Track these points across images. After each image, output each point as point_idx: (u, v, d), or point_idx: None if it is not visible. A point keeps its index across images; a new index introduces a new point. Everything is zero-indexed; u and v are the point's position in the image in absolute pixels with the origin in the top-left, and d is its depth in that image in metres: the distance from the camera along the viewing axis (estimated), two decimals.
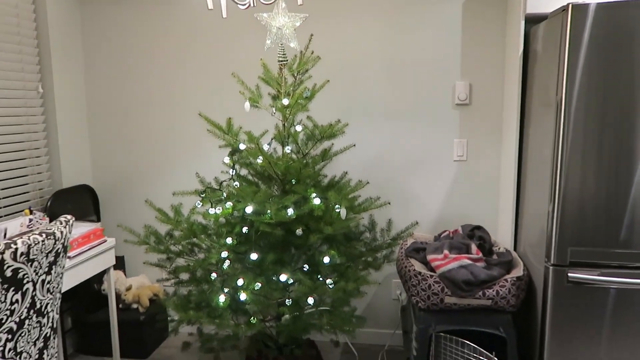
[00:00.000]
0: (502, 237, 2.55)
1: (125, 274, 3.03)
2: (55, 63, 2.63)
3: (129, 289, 2.83)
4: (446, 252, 2.10)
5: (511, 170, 2.41)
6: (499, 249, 2.31)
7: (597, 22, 1.82)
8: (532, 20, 2.32)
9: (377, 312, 2.82)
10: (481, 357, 1.98)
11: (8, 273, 1.45)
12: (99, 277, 2.78)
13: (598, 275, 1.90)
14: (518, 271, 2.08)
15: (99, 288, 2.83)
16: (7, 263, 1.44)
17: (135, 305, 2.80)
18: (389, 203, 2.71)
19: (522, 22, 2.28)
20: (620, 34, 1.82)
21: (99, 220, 2.95)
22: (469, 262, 2.04)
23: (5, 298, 1.47)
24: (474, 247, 2.15)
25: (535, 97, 2.20)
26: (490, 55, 2.58)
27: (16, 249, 1.47)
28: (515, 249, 2.42)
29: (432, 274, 2.06)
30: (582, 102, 1.86)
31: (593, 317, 1.92)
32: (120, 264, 3.01)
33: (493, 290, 2.00)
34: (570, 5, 1.85)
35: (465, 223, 2.69)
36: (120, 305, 2.80)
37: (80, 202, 2.81)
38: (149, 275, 3.06)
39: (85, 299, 2.79)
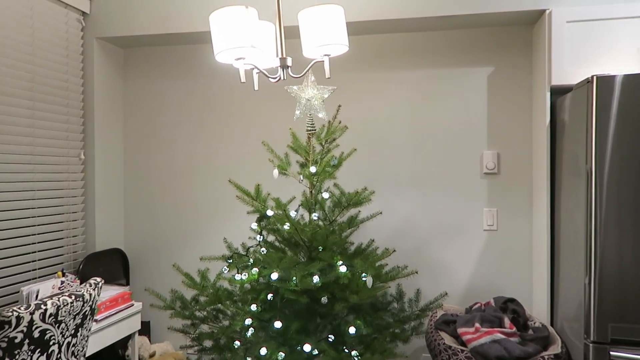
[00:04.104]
0: (538, 311, 2.44)
1: (150, 340, 3.00)
2: (98, 132, 2.79)
3: (152, 355, 2.79)
4: (477, 325, 2.01)
5: (544, 240, 2.35)
6: (535, 323, 2.20)
7: (624, 92, 1.84)
8: (558, 92, 2.35)
9: None
10: None
11: (36, 334, 1.47)
12: (123, 342, 2.77)
13: None
14: (555, 348, 1.97)
15: (123, 353, 2.81)
16: (36, 324, 1.47)
17: None
18: (417, 272, 2.65)
19: (548, 94, 2.32)
20: None
21: (128, 283, 2.98)
22: (502, 336, 1.94)
23: (32, 359, 1.48)
24: (507, 321, 2.06)
25: (565, 166, 2.18)
26: (517, 125, 2.60)
27: (45, 309, 1.50)
28: (552, 324, 2.29)
29: (463, 348, 1.96)
30: (614, 171, 1.84)
31: None
32: (145, 329, 3.00)
33: None
34: (594, 78, 1.88)
35: (497, 295, 2.59)
36: None
37: (111, 265, 2.86)
38: (173, 343, 3.02)
39: None
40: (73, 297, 1.62)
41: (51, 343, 1.55)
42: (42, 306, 1.49)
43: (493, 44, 2.62)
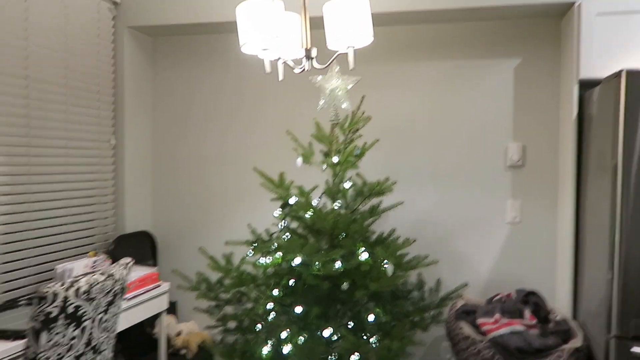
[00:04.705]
0: (560, 305, 2.43)
1: (176, 320, 3.10)
2: (128, 119, 2.88)
3: (178, 334, 2.89)
4: (497, 316, 2.02)
5: (568, 234, 2.33)
6: (556, 316, 2.19)
7: None
8: (586, 85, 2.31)
9: None
10: None
11: (70, 310, 1.56)
12: (151, 321, 2.87)
13: None
14: (576, 342, 1.97)
15: (150, 331, 2.91)
16: (70, 300, 1.55)
17: (183, 351, 2.85)
18: (438, 261, 2.67)
19: (576, 87, 2.28)
20: None
21: (155, 265, 3.08)
22: (522, 328, 1.95)
23: (66, 333, 1.57)
24: (527, 313, 2.06)
25: (591, 160, 2.15)
26: (543, 118, 2.57)
27: (79, 287, 1.58)
28: (574, 318, 2.29)
29: (482, 338, 1.98)
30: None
31: None
32: (172, 309, 3.10)
33: None
34: (624, 71, 1.85)
35: (519, 287, 2.58)
36: (170, 350, 2.86)
37: (140, 247, 2.96)
38: (198, 323, 3.12)
39: (137, 342, 2.87)
40: (105, 275, 1.70)
41: (84, 318, 1.64)
42: (75, 283, 1.57)
43: (520, 36, 2.58)
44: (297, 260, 2.07)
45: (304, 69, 1.94)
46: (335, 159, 2.19)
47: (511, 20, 2.59)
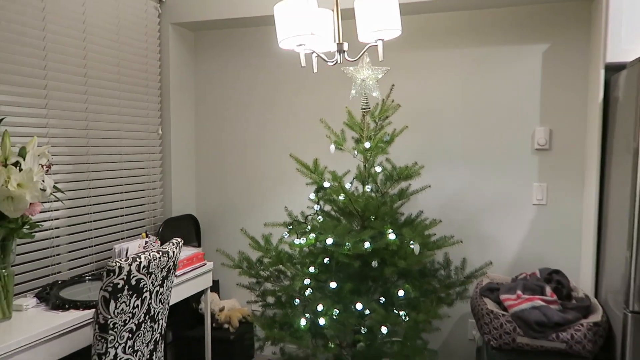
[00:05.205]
0: (584, 283, 2.52)
1: (219, 297, 3.35)
2: (173, 110, 3.10)
3: (222, 310, 3.13)
4: (519, 292, 2.14)
5: (592, 215, 2.41)
6: (578, 294, 2.29)
7: None
8: (613, 69, 2.36)
9: (452, 352, 2.86)
10: None
11: (133, 282, 1.78)
12: (197, 297, 3.12)
13: None
14: (596, 317, 2.07)
15: (196, 307, 3.17)
16: (133, 273, 1.77)
17: (226, 326, 3.09)
18: (462, 241, 2.79)
19: (602, 71, 2.33)
20: None
21: (199, 246, 3.32)
22: (542, 303, 2.07)
23: (129, 303, 1.79)
24: (548, 290, 2.17)
25: (616, 144, 2.22)
26: (571, 102, 2.63)
27: (140, 262, 1.80)
28: (596, 296, 2.38)
29: (504, 312, 2.11)
30: None
31: None
32: (215, 286, 3.34)
33: (567, 334, 2.01)
34: None
35: (544, 267, 2.68)
36: (214, 324, 3.10)
37: (185, 229, 3.21)
38: (239, 300, 3.35)
39: (184, 316, 3.13)
40: (160, 253, 1.91)
41: (144, 290, 1.86)
42: (137, 259, 1.79)
43: (550, 20, 2.63)
44: (329, 241, 2.24)
45: (336, 62, 2.08)
46: (366, 145, 2.33)
47: (541, 4, 2.64)
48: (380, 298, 2.37)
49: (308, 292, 2.34)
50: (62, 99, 2.35)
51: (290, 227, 2.46)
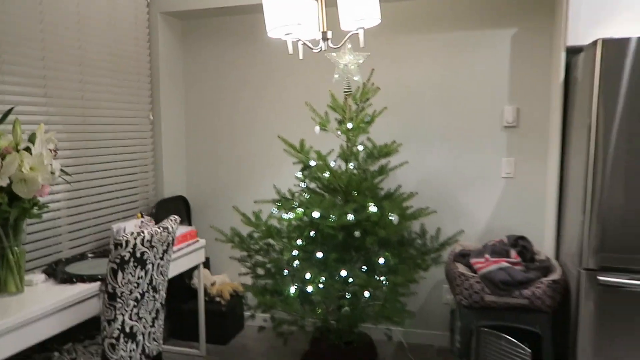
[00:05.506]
0: (546, 248, 2.77)
1: (210, 272, 3.53)
2: (163, 96, 3.23)
3: (213, 284, 3.32)
4: (487, 256, 2.38)
5: (554, 186, 2.65)
6: (541, 257, 2.54)
7: (637, 54, 2.05)
8: (573, 51, 2.57)
9: (429, 315, 3.11)
10: (517, 349, 2.23)
11: (138, 254, 1.95)
12: (189, 273, 3.30)
13: (627, 279, 2.10)
14: (555, 275, 2.32)
15: (189, 282, 3.35)
16: (138, 247, 1.94)
17: (218, 299, 3.28)
18: (436, 211, 3.02)
19: (563, 54, 2.54)
20: None
21: (190, 225, 3.49)
22: (508, 265, 2.31)
23: (135, 273, 1.97)
24: (513, 253, 2.41)
25: (575, 120, 2.45)
26: (536, 82, 2.84)
27: (144, 237, 1.97)
28: (557, 258, 2.63)
29: (473, 274, 2.34)
30: (611, 125, 2.10)
31: (622, 317, 2.12)
32: (206, 263, 3.52)
33: (529, 291, 2.25)
34: (599, 40, 2.12)
35: (511, 234, 2.93)
36: (206, 298, 3.29)
37: (176, 209, 3.37)
38: (229, 275, 3.55)
39: (178, 291, 3.31)
40: (161, 228, 2.08)
41: (147, 262, 2.03)
42: (141, 234, 1.96)
43: (517, 7, 2.83)
44: (316, 215, 2.43)
45: (321, 49, 2.24)
46: (348, 126, 2.52)
47: None
48: (363, 266, 2.58)
49: (296, 262, 2.54)
50: (60, 88, 2.48)
51: (279, 203, 2.64)
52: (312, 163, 2.57)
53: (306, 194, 2.63)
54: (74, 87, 2.57)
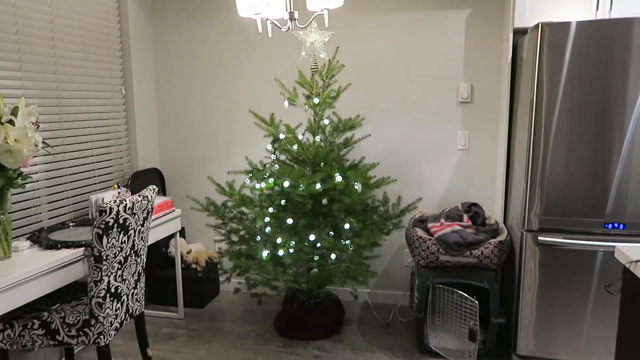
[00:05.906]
0: (496, 213, 3.05)
1: (185, 241, 3.69)
2: (135, 70, 3.31)
3: (189, 252, 3.48)
4: (442, 220, 2.63)
5: (502, 157, 2.91)
6: (491, 221, 2.81)
7: (577, 37, 2.28)
8: (520, 33, 2.79)
9: (391, 277, 3.37)
10: (466, 302, 2.51)
11: (121, 220, 2.10)
12: (165, 242, 3.45)
13: (562, 238, 2.39)
14: (502, 237, 2.59)
15: (165, 251, 3.50)
16: (121, 214, 2.08)
17: (194, 266, 3.45)
18: (395, 180, 3.25)
19: (511, 35, 2.77)
20: (593, 47, 2.29)
21: (164, 196, 3.61)
22: (460, 228, 2.56)
23: (118, 238, 2.12)
24: (465, 218, 2.67)
25: (521, 96, 2.69)
26: (489, 60, 3.07)
27: (126, 204, 2.11)
28: (504, 222, 2.91)
29: (430, 237, 2.59)
30: (553, 102, 2.35)
31: (559, 272, 2.41)
32: (181, 232, 3.67)
33: (479, 251, 2.52)
34: (540, 24, 2.34)
35: (465, 201, 3.20)
36: (182, 265, 3.45)
37: (151, 181, 3.48)
38: (203, 243, 3.71)
39: (155, 259, 3.46)
40: (141, 197, 2.23)
41: (130, 228, 2.18)
42: (123, 202, 2.10)
43: None
44: (286, 184, 2.62)
45: (288, 28, 2.39)
46: (315, 101, 2.69)
47: None
48: (330, 231, 2.80)
49: (268, 229, 2.73)
50: (34, 62, 2.54)
51: (251, 174, 2.81)
52: (282, 136, 2.73)
53: (276, 165, 2.81)
54: (48, 62, 2.64)
